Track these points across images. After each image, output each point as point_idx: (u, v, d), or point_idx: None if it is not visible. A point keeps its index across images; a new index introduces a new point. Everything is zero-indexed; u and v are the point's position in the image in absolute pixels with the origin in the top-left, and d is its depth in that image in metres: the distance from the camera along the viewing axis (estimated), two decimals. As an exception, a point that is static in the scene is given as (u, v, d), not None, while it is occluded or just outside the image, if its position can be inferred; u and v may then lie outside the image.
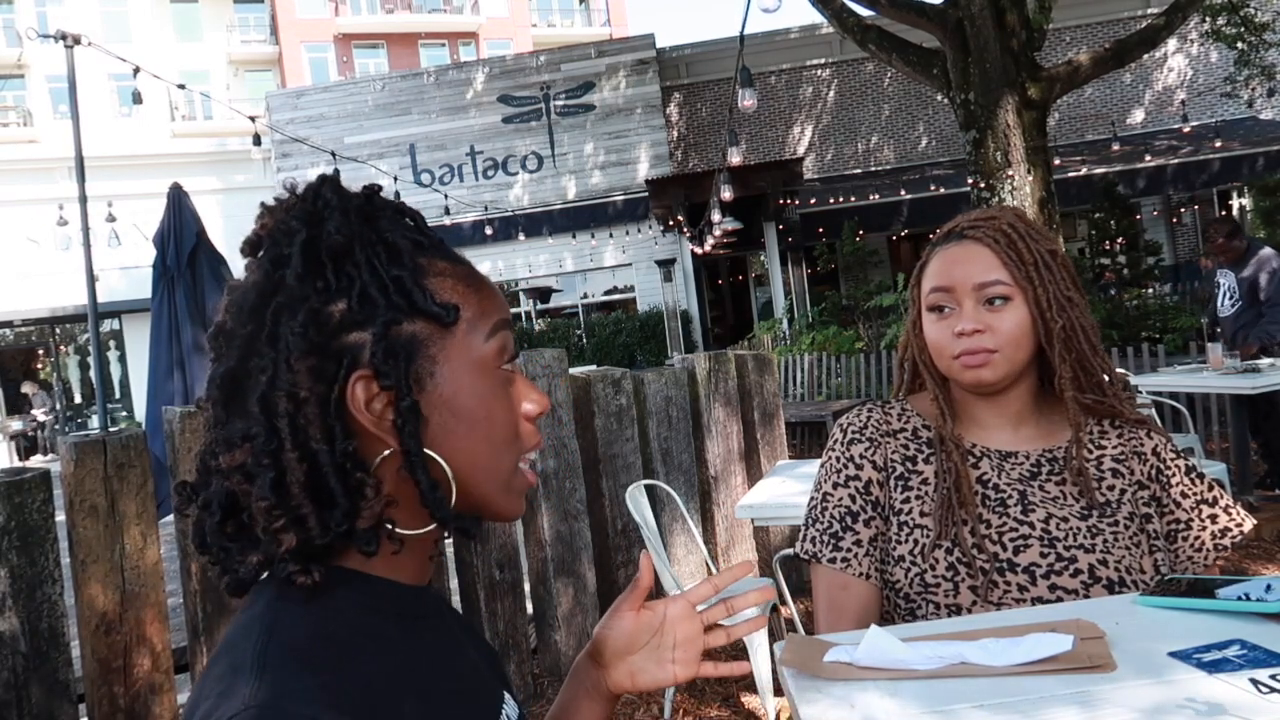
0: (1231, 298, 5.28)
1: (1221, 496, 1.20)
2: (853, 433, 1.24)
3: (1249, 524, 1.20)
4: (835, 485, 1.22)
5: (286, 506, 0.60)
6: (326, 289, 0.62)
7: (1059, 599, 1.08)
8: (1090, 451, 1.18)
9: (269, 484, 0.59)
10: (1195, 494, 1.19)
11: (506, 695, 0.74)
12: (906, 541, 1.16)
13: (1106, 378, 1.19)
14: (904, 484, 1.20)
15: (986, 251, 1.16)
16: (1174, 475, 1.19)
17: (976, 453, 1.19)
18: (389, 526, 0.63)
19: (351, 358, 0.61)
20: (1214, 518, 1.18)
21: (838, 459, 1.24)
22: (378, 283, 0.62)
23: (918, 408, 1.27)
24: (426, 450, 0.64)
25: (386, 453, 0.63)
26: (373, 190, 0.68)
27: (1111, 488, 1.16)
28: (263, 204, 0.67)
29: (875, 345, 9.98)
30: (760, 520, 3.21)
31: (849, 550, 1.18)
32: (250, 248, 0.66)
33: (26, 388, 18.88)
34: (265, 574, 0.63)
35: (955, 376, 1.18)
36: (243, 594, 0.63)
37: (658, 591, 3.76)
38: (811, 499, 1.25)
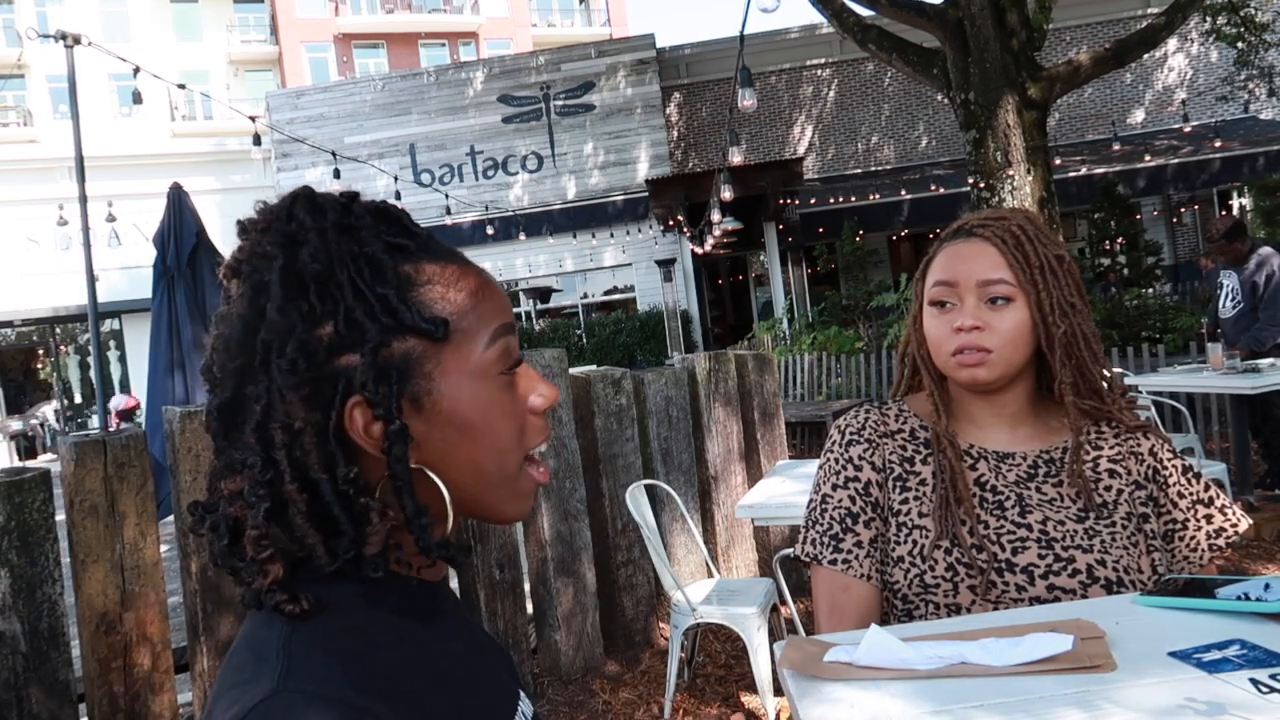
0: (1233, 299, 5.23)
1: (1218, 497, 1.20)
2: (851, 434, 1.24)
3: (1244, 524, 1.20)
4: (835, 487, 1.22)
5: (280, 537, 0.59)
6: (312, 314, 0.60)
7: (1057, 599, 1.08)
8: (1088, 453, 1.18)
9: (262, 514, 0.59)
10: (1192, 494, 1.19)
11: (521, 694, 0.75)
12: (905, 542, 1.16)
13: (1106, 385, 1.19)
14: (902, 485, 1.20)
15: (993, 250, 1.16)
16: (1171, 475, 1.19)
17: (974, 454, 1.19)
18: (398, 552, 0.62)
19: (347, 381, 0.60)
20: (1210, 518, 1.18)
21: (836, 460, 1.23)
22: (363, 304, 0.60)
23: (915, 408, 1.27)
24: (425, 470, 0.63)
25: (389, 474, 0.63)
26: (350, 199, 0.65)
27: (1109, 488, 1.16)
28: (239, 223, 0.65)
29: (875, 345, 9.98)
30: (760, 520, 3.21)
31: (849, 552, 1.18)
32: (230, 272, 0.64)
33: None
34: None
35: (951, 374, 1.18)
36: (257, 608, 0.62)
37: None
38: (811, 501, 1.25)
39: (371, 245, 0.62)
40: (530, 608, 3.49)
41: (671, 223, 15.08)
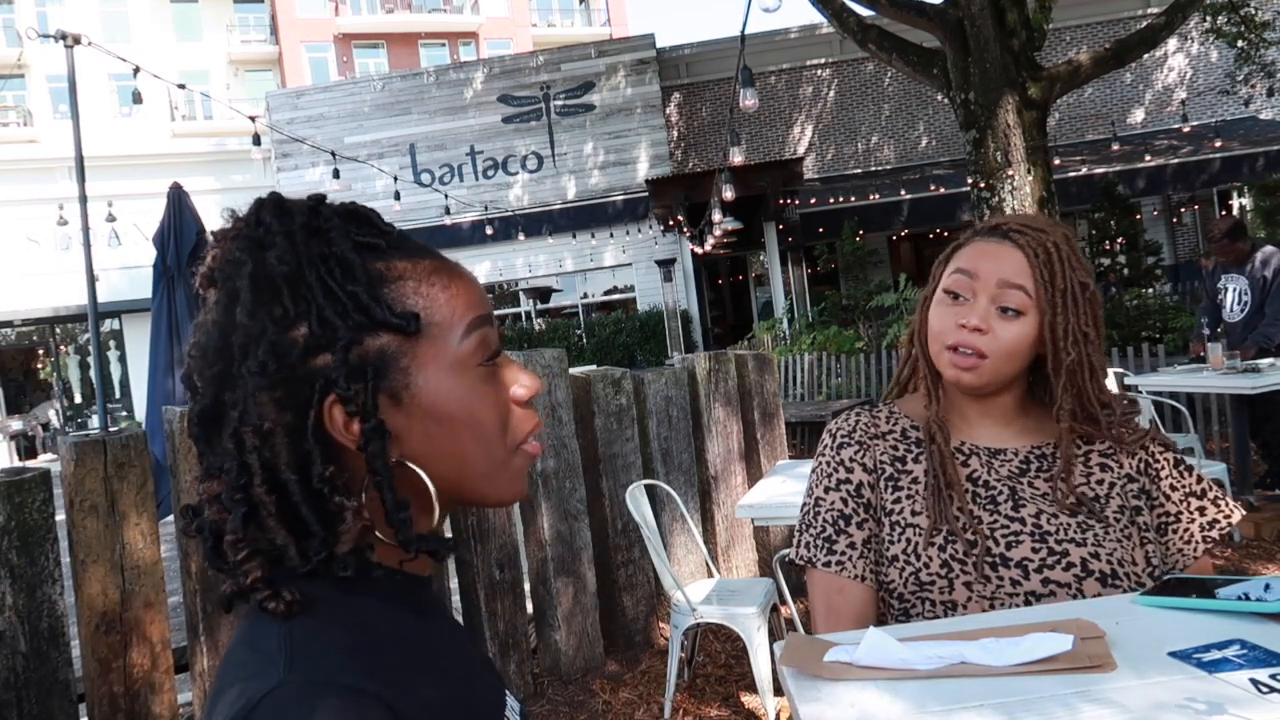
0: (1241, 302, 5.18)
1: (1210, 489, 1.21)
2: (842, 437, 1.25)
3: (1237, 515, 1.20)
4: (827, 489, 1.23)
5: (259, 539, 0.60)
6: (284, 316, 0.60)
7: (1052, 593, 1.09)
8: (1079, 446, 1.19)
9: (239, 518, 0.59)
10: (1184, 487, 1.20)
11: (508, 692, 0.76)
12: (899, 541, 1.17)
13: (1104, 411, 1.18)
14: (894, 484, 1.20)
15: (1022, 258, 1.15)
16: (1163, 468, 1.20)
17: (965, 450, 1.20)
18: (371, 552, 0.62)
19: (324, 381, 0.60)
20: (1203, 510, 1.19)
21: (828, 463, 1.24)
22: (333, 303, 0.61)
23: (906, 410, 1.27)
24: (408, 464, 0.63)
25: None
26: (317, 201, 0.66)
27: (1100, 482, 1.16)
28: (211, 233, 0.66)
29: (875, 345, 9.98)
30: (760, 520, 3.22)
31: (843, 553, 1.18)
32: (206, 281, 0.64)
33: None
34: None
35: (941, 368, 1.18)
36: (227, 609, 0.63)
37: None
38: (804, 505, 1.26)
39: (340, 245, 0.63)
40: (530, 608, 3.49)
41: (671, 223, 15.08)
